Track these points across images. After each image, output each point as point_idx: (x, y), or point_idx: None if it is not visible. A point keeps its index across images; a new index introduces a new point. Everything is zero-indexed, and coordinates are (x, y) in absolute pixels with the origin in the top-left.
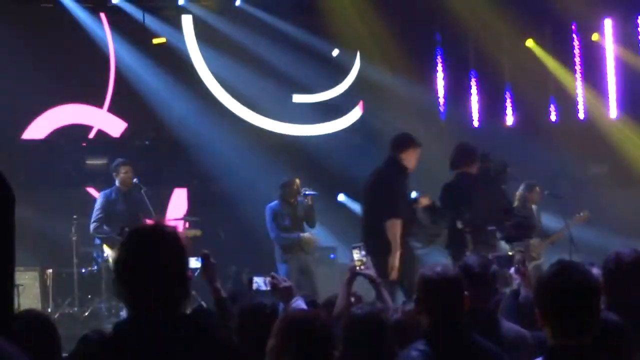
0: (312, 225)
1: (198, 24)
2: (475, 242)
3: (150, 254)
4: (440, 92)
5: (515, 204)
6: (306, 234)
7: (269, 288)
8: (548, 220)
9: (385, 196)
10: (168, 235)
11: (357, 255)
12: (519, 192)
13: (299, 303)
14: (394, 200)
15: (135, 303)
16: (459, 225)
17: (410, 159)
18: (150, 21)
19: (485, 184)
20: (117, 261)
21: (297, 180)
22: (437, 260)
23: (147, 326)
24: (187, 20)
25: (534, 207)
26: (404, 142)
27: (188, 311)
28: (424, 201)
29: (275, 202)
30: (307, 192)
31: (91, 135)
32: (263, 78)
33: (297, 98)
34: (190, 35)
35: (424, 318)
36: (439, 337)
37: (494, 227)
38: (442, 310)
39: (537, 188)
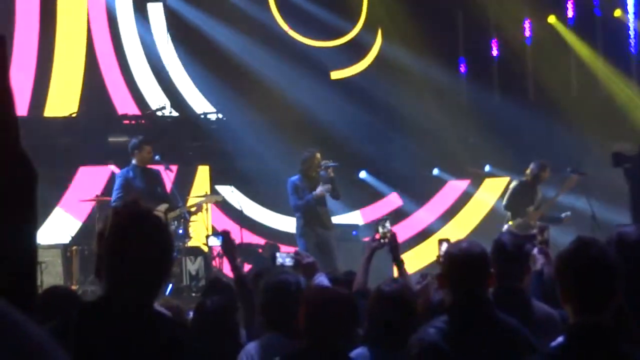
0: (336, 197)
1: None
2: None
3: (143, 237)
4: (462, 71)
5: (525, 178)
6: (317, 190)
7: (292, 264)
8: (568, 198)
9: None
10: (159, 220)
11: (382, 229)
12: (530, 169)
13: (322, 279)
14: None
15: (112, 281)
16: None
17: None
18: (175, 2)
19: None
20: (105, 235)
21: (318, 155)
22: None
23: (117, 312)
24: None
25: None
26: None
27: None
28: None
29: (297, 176)
30: (328, 164)
31: (114, 113)
32: (281, 55)
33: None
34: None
35: (446, 293)
36: (461, 313)
37: None
38: (464, 287)
39: (548, 169)
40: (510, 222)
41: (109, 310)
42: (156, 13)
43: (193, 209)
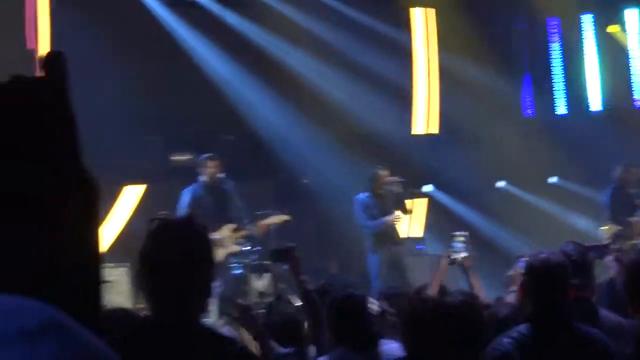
0: (404, 212)
1: (274, 15)
2: None
3: (173, 249)
4: (524, 82)
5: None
6: (390, 217)
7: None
8: None
9: None
10: (195, 232)
11: (457, 243)
12: (616, 174)
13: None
14: None
15: (153, 299)
16: None
17: None
18: (229, 16)
19: None
20: (140, 252)
21: (384, 172)
22: None
23: (160, 329)
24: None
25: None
26: None
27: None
28: None
29: (364, 194)
30: (394, 180)
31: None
32: (340, 69)
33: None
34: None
35: (527, 303)
36: (540, 322)
37: None
38: (543, 297)
39: (632, 170)
40: (604, 228)
41: (154, 328)
42: (215, 29)
43: (261, 230)
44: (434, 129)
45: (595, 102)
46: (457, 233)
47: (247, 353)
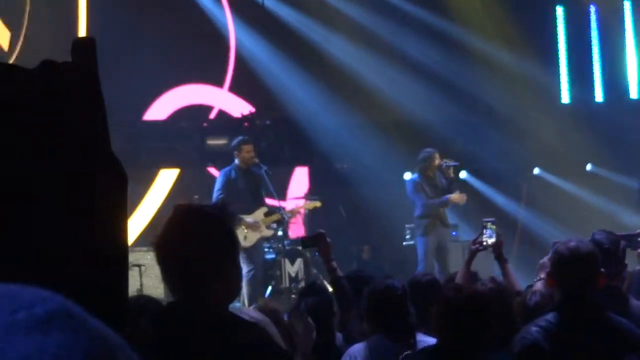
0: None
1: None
2: None
3: (184, 235)
4: (562, 69)
5: None
6: (453, 194)
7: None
8: None
9: None
10: (212, 219)
11: (485, 231)
12: None
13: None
14: None
15: (170, 286)
16: None
17: None
18: (268, 1)
19: None
20: (155, 239)
21: (437, 154)
22: None
23: (178, 316)
24: None
25: None
26: None
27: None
28: None
29: (415, 175)
30: (448, 164)
31: (212, 115)
32: (378, 54)
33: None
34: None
35: (556, 292)
36: (568, 311)
37: None
38: (571, 285)
39: None
40: None
41: (173, 315)
42: (253, 13)
43: (293, 215)
44: None
45: (633, 89)
46: (487, 219)
47: (266, 339)
